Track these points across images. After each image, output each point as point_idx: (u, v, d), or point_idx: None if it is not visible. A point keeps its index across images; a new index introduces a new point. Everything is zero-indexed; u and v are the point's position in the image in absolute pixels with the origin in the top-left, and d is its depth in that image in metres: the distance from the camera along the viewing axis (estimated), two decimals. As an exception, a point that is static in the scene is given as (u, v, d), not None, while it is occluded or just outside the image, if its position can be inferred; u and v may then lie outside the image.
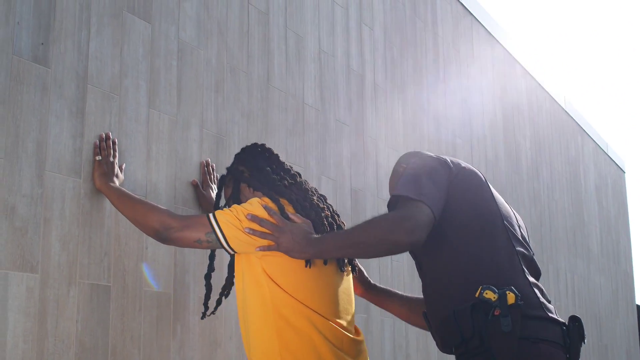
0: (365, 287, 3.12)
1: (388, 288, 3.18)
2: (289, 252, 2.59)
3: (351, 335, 2.69)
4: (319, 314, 2.60)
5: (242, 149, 2.98)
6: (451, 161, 2.69)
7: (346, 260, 2.78)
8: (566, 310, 8.10)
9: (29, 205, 2.60)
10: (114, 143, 2.91)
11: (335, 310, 2.65)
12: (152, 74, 3.15)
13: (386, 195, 4.84)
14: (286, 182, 2.81)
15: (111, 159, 2.87)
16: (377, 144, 4.84)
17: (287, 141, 3.94)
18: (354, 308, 2.78)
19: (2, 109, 2.54)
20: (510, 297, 2.43)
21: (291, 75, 4.05)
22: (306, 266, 2.63)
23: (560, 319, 2.58)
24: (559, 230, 8.41)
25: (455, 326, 2.49)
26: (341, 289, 2.72)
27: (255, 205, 2.66)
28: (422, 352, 5.07)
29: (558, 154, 8.78)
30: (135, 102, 3.06)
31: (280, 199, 2.70)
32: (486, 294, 2.45)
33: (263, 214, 2.63)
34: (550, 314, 2.56)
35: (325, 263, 2.67)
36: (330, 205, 2.86)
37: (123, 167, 2.95)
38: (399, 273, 4.85)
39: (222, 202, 3.05)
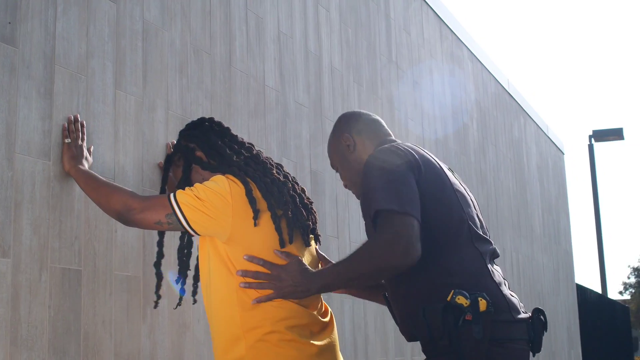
0: None
1: None
2: (293, 296, 2.54)
3: (319, 317, 2.65)
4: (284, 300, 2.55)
5: (188, 125, 2.90)
6: (414, 158, 2.62)
7: (309, 234, 2.72)
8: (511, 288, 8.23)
9: (0, 188, 2.54)
10: (82, 125, 2.85)
11: None
12: (118, 55, 3.10)
13: (344, 177, 4.85)
14: (242, 156, 2.73)
15: (80, 142, 2.82)
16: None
17: (249, 123, 3.92)
18: None
19: (-29, 89, 2.47)
20: (482, 304, 2.46)
21: (252, 57, 4.02)
22: (281, 247, 2.57)
23: (524, 316, 2.62)
24: (505, 210, 8.53)
25: (424, 324, 2.51)
26: (307, 264, 2.66)
27: (221, 182, 2.58)
28: (380, 333, 5.10)
29: (502, 134, 8.90)
30: (102, 83, 3.00)
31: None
32: (458, 299, 2.47)
33: (227, 190, 2.54)
34: (517, 315, 2.59)
35: (290, 242, 2.60)
36: (288, 173, 2.79)
37: (91, 150, 2.89)
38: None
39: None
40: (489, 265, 2.64)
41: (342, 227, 4.66)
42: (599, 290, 18.34)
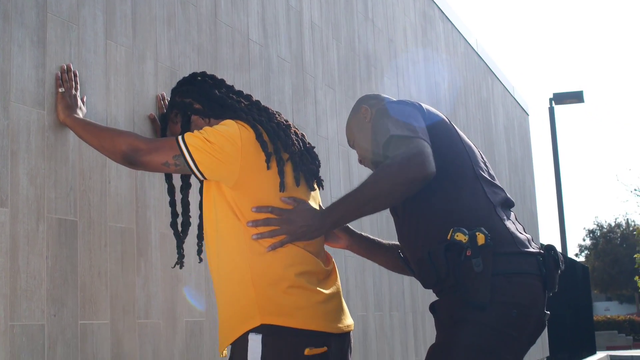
0: (350, 238, 3.06)
1: (371, 237, 3.14)
2: (306, 236, 2.52)
3: (322, 265, 2.65)
4: (289, 244, 2.53)
5: (180, 82, 2.85)
6: (420, 105, 2.74)
7: (314, 180, 2.71)
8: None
9: (-3, 137, 2.50)
10: (75, 75, 2.81)
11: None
12: (108, 4, 3.05)
13: (324, 133, 4.85)
14: (242, 104, 2.70)
15: (73, 91, 2.78)
16: (315, 81, 4.83)
17: (234, 77, 3.89)
18: None
19: (-33, 36, 2.42)
20: (480, 238, 2.50)
21: (236, 9, 3.98)
22: (281, 190, 2.54)
23: (534, 250, 2.63)
24: (474, 169, 8.60)
25: (431, 266, 2.56)
26: None
27: (231, 126, 2.54)
28: (360, 289, 5.14)
29: (472, 95, 8.95)
30: (93, 33, 2.96)
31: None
32: (457, 235, 2.51)
33: (237, 134, 2.51)
34: (523, 249, 2.61)
35: (297, 185, 2.59)
36: (286, 119, 2.77)
37: (84, 100, 2.86)
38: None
39: None
40: (495, 205, 2.65)
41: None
42: (559, 250, 18.57)
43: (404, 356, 5.93)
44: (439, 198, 2.62)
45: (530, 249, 2.62)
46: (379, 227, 5.46)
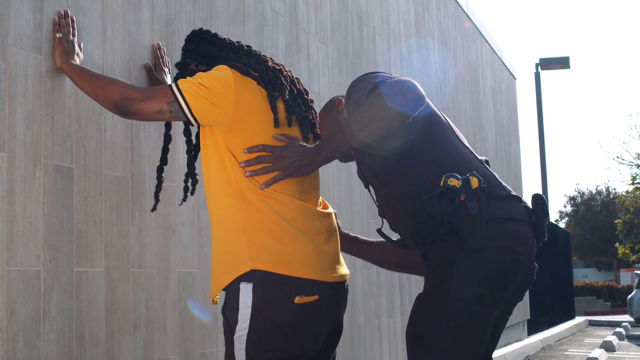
0: (345, 241, 3.08)
1: (359, 237, 3.17)
2: (300, 172, 2.49)
3: (318, 208, 2.64)
4: (279, 191, 2.51)
5: (184, 41, 2.86)
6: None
7: (309, 128, 2.69)
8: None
9: (-6, 80, 2.48)
10: (72, 21, 2.78)
11: (297, 185, 2.57)
12: (105, -50, 3.01)
13: (316, 89, 4.84)
14: (233, 54, 2.68)
15: (71, 37, 2.75)
16: (309, 36, 4.80)
17: (229, 28, 3.86)
18: (319, 181, 2.71)
19: (-35, -24, 2.39)
20: (474, 182, 2.51)
21: (232, -39, 3.94)
22: (275, 126, 2.52)
23: (523, 202, 2.67)
24: (462, 131, 8.56)
25: (425, 215, 2.54)
26: None
27: (224, 69, 2.53)
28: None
29: (461, 57, 8.93)
30: (91, -21, 2.92)
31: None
32: (450, 181, 2.51)
33: (230, 76, 2.50)
34: (511, 192, 2.66)
35: (289, 125, 2.57)
36: (282, 65, 2.76)
37: (82, 46, 2.83)
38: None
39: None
40: (478, 159, 2.72)
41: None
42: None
43: (390, 313, 5.98)
44: (423, 156, 2.63)
45: (520, 200, 2.66)
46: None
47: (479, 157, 2.77)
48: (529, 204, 2.69)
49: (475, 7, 9.70)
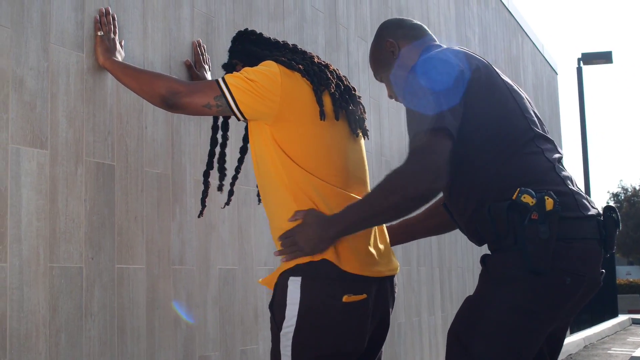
0: (394, 231, 3.00)
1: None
2: (314, 251, 2.43)
3: None
4: (330, 184, 2.50)
5: (231, 42, 2.85)
6: (462, 63, 2.49)
7: (357, 124, 2.66)
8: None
9: (37, 78, 2.50)
10: (113, 18, 2.80)
11: (346, 178, 2.56)
12: (146, -52, 3.02)
13: (356, 85, 4.82)
14: (278, 52, 2.68)
15: (112, 35, 2.77)
16: (348, 33, 4.78)
17: (269, 25, 3.86)
18: (367, 175, 2.69)
19: (8, -25, 2.40)
20: (549, 203, 2.36)
21: (271, -43, 3.94)
22: (321, 118, 2.50)
23: (594, 212, 2.51)
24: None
25: (490, 222, 2.43)
26: (353, 157, 2.62)
27: (270, 64, 2.53)
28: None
29: (502, 51, 8.86)
30: (131, -24, 2.94)
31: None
32: (524, 197, 2.37)
33: (276, 70, 2.50)
34: (586, 212, 2.49)
35: (336, 118, 2.54)
36: (325, 61, 2.73)
37: (123, 44, 2.84)
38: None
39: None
40: (554, 163, 2.54)
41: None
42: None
43: (430, 310, 5.94)
44: (498, 159, 2.48)
45: (591, 212, 2.51)
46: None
47: (557, 154, 2.58)
48: (600, 215, 2.54)
49: (516, 1, 9.62)
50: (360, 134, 2.69)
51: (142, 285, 2.88)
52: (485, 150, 2.49)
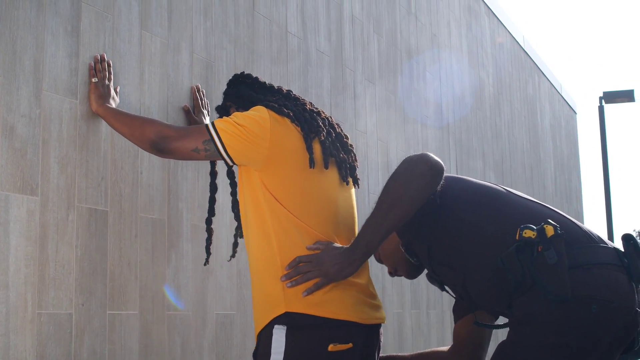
0: None
1: (399, 355, 3.10)
2: (341, 274, 2.42)
3: None
4: (317, 231, 2.48)
5: (227, 85, 2.87)
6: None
7: (348, 172, 2.66)
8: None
9: (28, 125, 2.51)
10: (108, 65, 2.82)
11: (334, 226, 2.54)
12: (144, -5, 3.05)
13: (363, 127, 4.81)
14: (271, 97, 2.68)
15: (107, 81, 2.78)
16: (355, 75, 4.79)
17: (271, 69, 3.87)
18: (356, 223, 2.68)
19: None
20: (549, 230, 2.37)
21: (275, 2, 3.96)
22: (310, 166, 2.49)
23: (610, 244, 2.48)
24: (518, 167, 8.49)
25: (506, 271, 2.42)
26: (342, 205, 2.61)
27: (260, 109, 2.53)
28: (397, 286, 5.09)
29: (517, 91, 8.83)
30: (128, 23, 2.96)
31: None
32: (525, 233, 2.38)
33: (266, 115, 2.50)
34: (600, 243, 2.46)
35: (326, 167, 2.54)
36: (318, 108, 2.72)
37: (118, 90, 2.86)
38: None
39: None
40: (545, 206, 2.58)
41: (360, 177, 4.62)
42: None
43: (441, 354, 5.87)
44: (483, 220, 2.53)
45: (605, 244, 2.48)
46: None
47: (555, 210, 2.62)
48: (619, 247, 2.50)
49: (533, 41, 9.60)
50: (351, 182, 2.67)
51: (135, 331, 2.86)
52: (472, 222, 2.54)
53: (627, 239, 2.46)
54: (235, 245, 3.03)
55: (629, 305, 2.39)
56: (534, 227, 2.38)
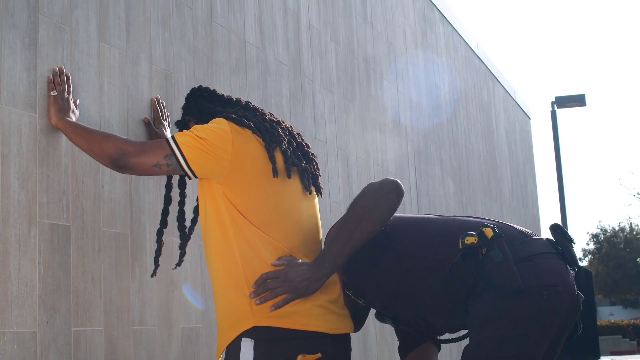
0: None
1: None
2: (309, 289, 2.42)
3: None
4: (280, 243, 2.47)
5: (185, 99, 2.84)
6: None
7: (310, 181, 2.65)
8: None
9: (-13, 141, 2.46)
10: (67, 78, 2.77)
11: (297, 235, 2.53)
12: (101, 6, 3.01)
13: (322, 136, 4.81)
14: (230, 109, 2.66)
15: (66, 94, 2.74)
16: (313, 84, 4.78)
17: (230, 79, 3.85)
18: (320, 233, 2.67)
19: (-45, 37, 2.38)
20: (488, 232, 2.52)
21: (232, 11, 3.94)
22: (274, 176, 2.48)
23: (542, 237, 2.67)
24: (475, 173, 8.56)
25: (457, 281, 2.54)
26: (306, 214, 2.60)
27: (220, 121, 2.50)
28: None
29: (472, 98, 8.91)
30: (86, 35, 2.92)
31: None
32: (467, 240, 2.52)
33: (227, 127, 2.48)
34: (531, 236, 2.64)
35: (288, 176, 2.53)
36: (277, 118, 2.71)
37: (77, 103, 2.81)
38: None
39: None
40: (480, 218, 2.73)
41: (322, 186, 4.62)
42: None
43: (406, 361, 5.87)
44: (422, 247, 2.68)
45: (539, 236, 2.65)
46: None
47: (485, 218, 2.77)
48: (550, 237, 2.68)
49: (487, 48, 9.70)
50: (314, 191, 2.66)
51: (101, 347, 2.81)
52: (409, 250, 2.69)
53: (554, 228, 2.66)
54: (182, 254, 3.03)
55: (571, 289, 2.57)
56: (474, 233, 2.53)
